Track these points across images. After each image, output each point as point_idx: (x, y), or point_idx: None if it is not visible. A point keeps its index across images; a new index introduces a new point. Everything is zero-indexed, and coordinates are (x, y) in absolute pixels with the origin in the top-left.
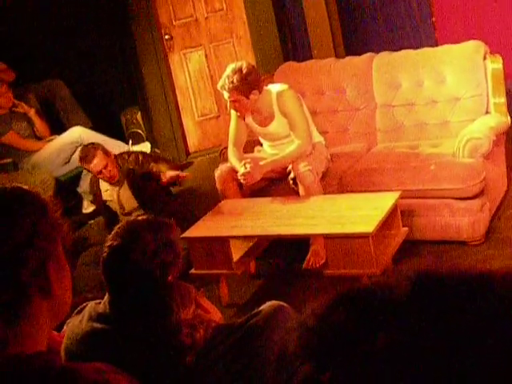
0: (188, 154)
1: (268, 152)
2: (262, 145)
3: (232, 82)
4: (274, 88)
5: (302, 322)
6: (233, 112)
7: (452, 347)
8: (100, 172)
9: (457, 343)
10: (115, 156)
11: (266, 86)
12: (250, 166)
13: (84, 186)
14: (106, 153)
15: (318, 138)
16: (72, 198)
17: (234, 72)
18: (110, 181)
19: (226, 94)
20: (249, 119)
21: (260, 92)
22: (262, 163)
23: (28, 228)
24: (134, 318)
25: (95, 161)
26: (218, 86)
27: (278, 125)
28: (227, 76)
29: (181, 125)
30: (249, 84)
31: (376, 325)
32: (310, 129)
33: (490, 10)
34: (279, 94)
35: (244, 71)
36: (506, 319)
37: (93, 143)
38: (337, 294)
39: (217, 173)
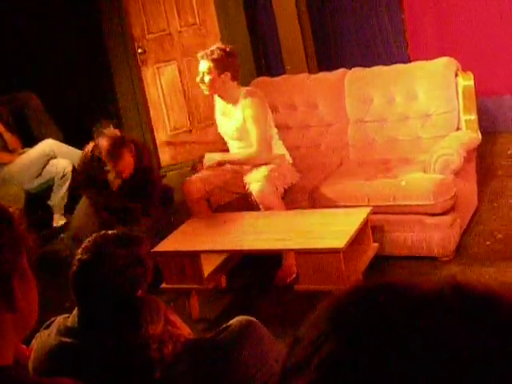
0: (160, 167)
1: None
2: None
3: (212, 54)
4: (244, 89)
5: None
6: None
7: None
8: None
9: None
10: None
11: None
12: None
13: (55, 199)
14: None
15: (281, 151)
16: (42, 211)
17: (219, 48)
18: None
19: (202, 64)
20: (217, 113)
21: (233, 80)
22: (213, 153)
23: None
24: (103, 333)
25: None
26: (199, 55)
27: (237, 124)
28: (211, 50)
29: (153, 139)
30: (227, 63)
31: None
32: (267, 140)
33: (463, 28)
34: (246, 94)
35: (228, 50)
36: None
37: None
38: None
39: (184, 187)
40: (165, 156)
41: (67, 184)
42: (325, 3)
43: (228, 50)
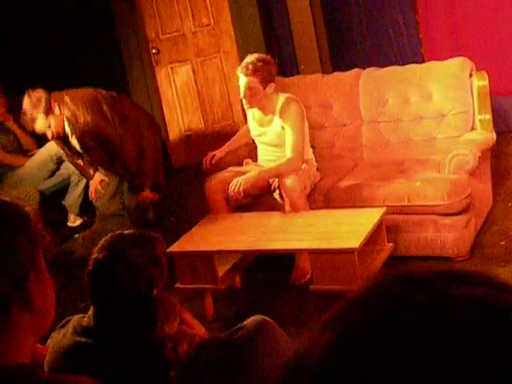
0: (172, 168)
1: (261, 158)
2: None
3: (255, 69)
4: (283, 96)
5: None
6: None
7: None
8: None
9: None
10: None
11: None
12: (236, 180)
13: (70, 199)
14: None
15: (310, 155)
16: (57, 211)
17: (259, 59)
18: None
19: (243, 80)
20: (250, 118)
21: (276, 89)
22: (248, 174)
23: (8, 239)
24: (118, 332)
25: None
26: (239, 70)
27: (272, 131)
28: (251, 61)
29: (166, 139)
30: (270, 74)
31: None
32: (304, 147)
33: (477, 28)
34: (286, 102)
35: (269, 59)
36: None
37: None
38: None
39: (206, 184)
40: (178, 156)
41: (83, 183)
42: (339, 3)
43: (268, 59)
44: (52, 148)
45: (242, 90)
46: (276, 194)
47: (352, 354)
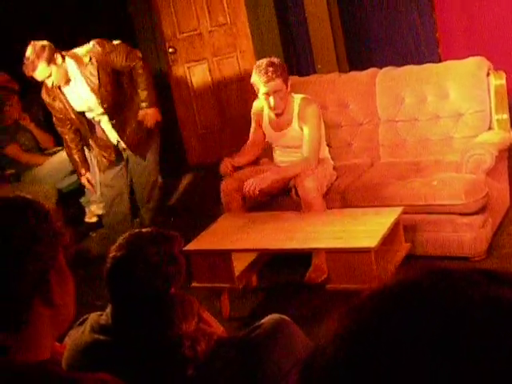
0: (189, 166)
1: (277, 159)
2: (272, 152)
3: (275, 71)
4: (298, 96)
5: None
6: (252, 119)
7: None
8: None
9: None
10: None
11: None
12: (254, 178)
13: (88, 195)
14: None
15: (326, 154)
16: (74, 209)
17: (270, 63)
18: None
19: (267, 87)
20: (265, 123)
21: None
22: (264, 174)
23: (29, 236)
24: (136, 330)
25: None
26: (259, 81)
27: (291, 133)
28: (266, 68)
29: (181, 137)
30: (286, 72)
31: None
32: (320, 146)
33: (494, 27)
34: (304, 104)
35: (277, 60)
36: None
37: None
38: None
39: (222, 184)
40: (194, 155)
41: None
42: (356, 2)
43: (276, 59)
44: None
45: (270, 98)
46: (293, 193)
47: (368, 343)
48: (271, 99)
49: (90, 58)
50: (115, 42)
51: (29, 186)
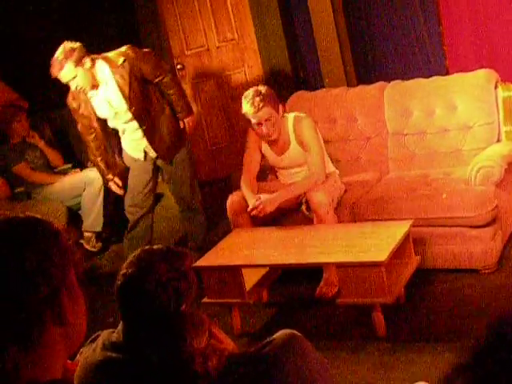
0: (200, 182)
1: (282, 180)
2: (275, 173)
3: (263, 100)
4: (291, 115)
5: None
6: (249, 141)
7: None
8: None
9: None
10: None
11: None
12: (261, 200)
13: (90, 217)
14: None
15: (332, 168)
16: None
17: (257, 92)
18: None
19: (257, 117)
20: (265, 147)
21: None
22: (273, 195)
23: (40, 255)
24: (148, 347)
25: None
26: (248, 111)
27: (293, 153)
28: (253, 98)
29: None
30: (275, 98)
31: None
32: (324, 159)
33: (501, 39)
34: (297, 121)
35: (264, 88)
36: None
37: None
38: None
39: (228, 202)
40: (204, 171)
41: (101, 197)
42: (362, 16)
43: (263, 87)
44: (87, 175)
45: (263, 127)
46: (304, 209)
47: None
48: (263, 128)
49: (124, 61)
50: (145, 50)
51: (39, 205)
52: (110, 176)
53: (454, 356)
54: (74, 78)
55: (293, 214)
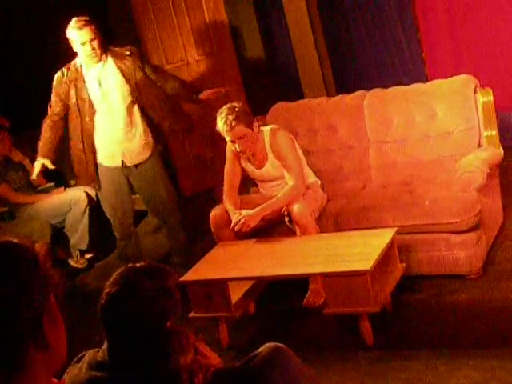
0: (182, 196)
1: (264, 193)
2: (257, 185)
3: (236, 118)
4: (267, 129)
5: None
6: (228, 155)
7: None
8: (85, 43)
9: None
10: None
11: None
12: (243, 216)
13: (76, 234)
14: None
15: (312, 178)
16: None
17: (231, 109)
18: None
19: (230, 135)
20: (244, 162)
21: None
22: (255, 210)
23: (20, 280)
24: (133, 366)
25: (86, 28)
26: (222, 129)
27: (271, 166)
28: (226, 116)
29: (173, 168)
30: (248, 115)
31: None
32: (303, 169)
33: (479, 44)
34: (272, 134)
35: (238, 105)
36: None
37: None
38: None
39: (211, 216)
40: (187, 185)
41: (87, 214)
42: (340, 25)
43: (237, 104)
44: (73, 195)
45: (236, 145)
46: (286, 221)
47: None
48: (236, 146)
49: (130, 54)
50: None
51: (23, 224)
52: (41, 157)
53: (443, 362)
54: (93, 40)
55: (277, 226)
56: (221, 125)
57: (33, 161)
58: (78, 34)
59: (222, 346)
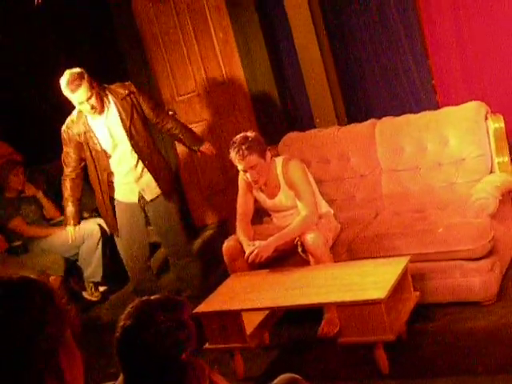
0: (195, 228)
1: (277, 223)
2: (270, 215)
3: (249, 148)
4: (279, 159)
5: None
6: (241, 185)
7: None
8: (82, 103)
9: None
10: None
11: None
12: (256, 247)
13: (90, 267)
14: (91, 84)
15: (325, 207)
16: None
17: (244, 139)
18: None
19: (242, 164)
20: (257, 192)
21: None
22: (268, 241)
23: (36, 317)
24: None
25: (80, 90)
26: (234, 158)
27: (284, 196)
28: (239, 145)
29: (186, 200)
30: (262, 145)
31: None
32: (316, 199)
33: (489, 70)
34: (285, 164)
35: (251, 134)
36: None
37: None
38: None
39: (224, 247)
40: (200, 217)
41: (100, 246)
42: (350, 54)
43: (250, 134)
44: (87, 228)
45: (248, 174)
46: (299, 251)
47: None
48: (248, 175)
49: (128, 94)
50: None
51: (37, 257)
52: (71, 225)
53: None
54: (89, 98)
55: (290, 256)
56: (233, 154)
57: (46, 194)
58: (73, 97)
59: (237, 377)
